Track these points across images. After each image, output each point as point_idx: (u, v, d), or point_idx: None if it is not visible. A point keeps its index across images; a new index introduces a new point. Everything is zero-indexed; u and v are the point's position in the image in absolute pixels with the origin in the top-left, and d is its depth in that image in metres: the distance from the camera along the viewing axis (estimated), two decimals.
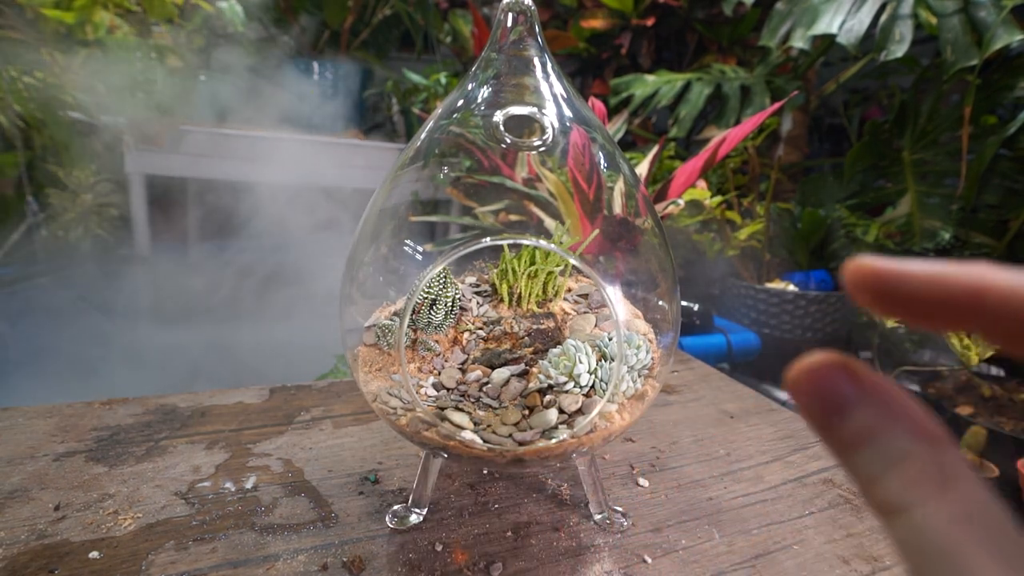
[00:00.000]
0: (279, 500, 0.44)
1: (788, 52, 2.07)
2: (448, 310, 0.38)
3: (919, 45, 1.81)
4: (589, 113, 0.42)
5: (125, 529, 0.39)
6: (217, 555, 0.37)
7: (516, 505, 0.45)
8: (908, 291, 0.13)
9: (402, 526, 0.41)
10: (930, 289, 0.13)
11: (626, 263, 0.41)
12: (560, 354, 0.35)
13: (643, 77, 2.15)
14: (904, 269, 0.13)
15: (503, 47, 0.41)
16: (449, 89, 2.00)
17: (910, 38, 1.53)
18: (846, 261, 0.14)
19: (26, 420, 0.54)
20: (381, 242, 0.40)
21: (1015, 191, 1.77)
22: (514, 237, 0.37)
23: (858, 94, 2.62)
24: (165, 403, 0.59)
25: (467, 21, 2.39)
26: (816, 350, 0.15)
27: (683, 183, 0.71)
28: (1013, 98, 1.74)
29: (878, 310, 0.14)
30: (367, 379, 0.38)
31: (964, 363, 1.26)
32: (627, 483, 0.49)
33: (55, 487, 0.44)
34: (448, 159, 0.41)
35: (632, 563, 0.39)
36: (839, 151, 2.96)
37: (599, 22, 2.34)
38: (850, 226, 1.95)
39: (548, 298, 0.40)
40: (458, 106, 0.41)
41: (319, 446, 0.52)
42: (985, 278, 0.13)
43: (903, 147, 2.02)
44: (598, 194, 0.43)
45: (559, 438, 0.33)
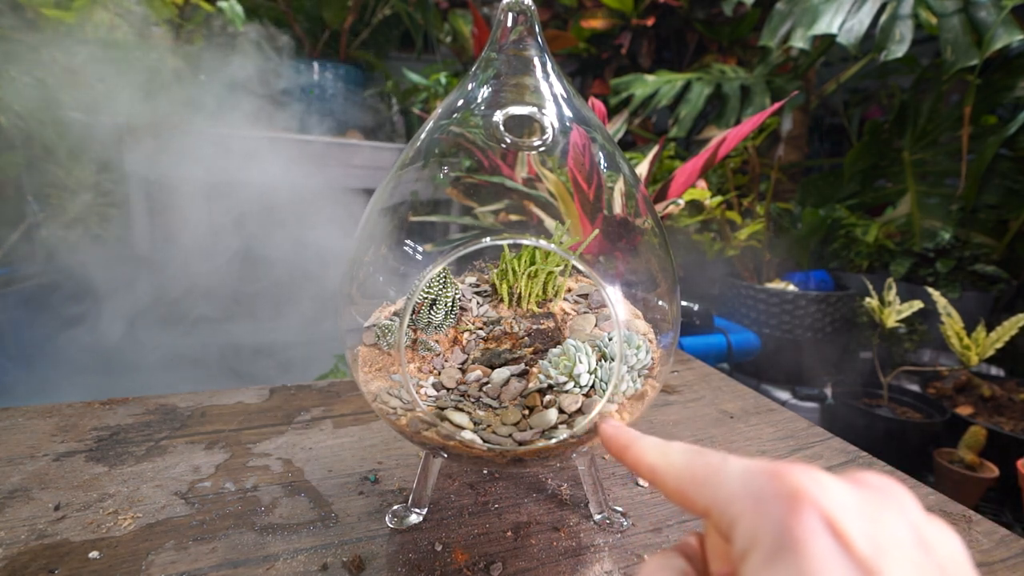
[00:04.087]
0: (279, 500, 0.44)
1: (788, 52, 2.07)
2: (448, 310, 0.38)
3: (919, 45, 1.81)
4: (589, 113, 0.42)
5: (125, 529, 0.39)
6: (217, 555, 0.37)
7: (516, 505, 0.45)
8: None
9: (402, 526, 0.41)
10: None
11: (626, 263, 0.41)
12: (560, 354, 0.35)
13: (643, 77, 2.15)
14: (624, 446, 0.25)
15: (503, 47, 0.41)
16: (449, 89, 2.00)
17: (910, 38, 1.53)
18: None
19: (26, 420, 0.54)
20: (381, 242, 0.40)
21: (1015, 191, 1.77)
22: (514, 237, 0.37)
23: (858, 94, 2.62)
24: (165, 403, 0.59)
25: (467, 21, 2.38)
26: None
27: (683, 183, 0.71)
28: (1013, 98, 1.74)
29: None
30: (367, 379, 0.38)
31: (964, 363, 1.26)
32: (627, 483, 0.49)
33: (55, 487, 0.44)
34: (448, 159, 0.41)
35: (632, 563, 0.39)
36: (839, 151, 2.96)
37: (599, 22, 2.34)
38: (850, 226, 1.95)
39: (548, 298, 0.40)
40: (458, 106, 0.41)
41: (319, 446, 0.52)
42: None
43: (903, 147, 2.02)
44: (598, 194, 0.43)
45: (559, 438, 0.33)
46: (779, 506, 0.16)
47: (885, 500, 0.16)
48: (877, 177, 2.13)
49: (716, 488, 0.18)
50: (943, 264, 1.73)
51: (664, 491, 0.21)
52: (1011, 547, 0.42)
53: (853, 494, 0.16)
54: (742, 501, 0.17)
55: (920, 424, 1.29)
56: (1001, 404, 1.31)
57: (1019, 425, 1.22)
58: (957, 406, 1.33)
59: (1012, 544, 0.42)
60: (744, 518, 0.17)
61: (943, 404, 1.33)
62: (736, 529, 0.17)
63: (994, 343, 1.20)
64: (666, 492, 0.21)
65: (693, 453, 0.21)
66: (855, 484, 0.17)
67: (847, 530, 0.15)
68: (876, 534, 0.15)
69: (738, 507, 0.17)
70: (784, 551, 0.15)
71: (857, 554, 0.14)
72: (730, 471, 0.18)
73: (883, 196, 2.08)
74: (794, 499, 0.16)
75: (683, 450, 0.21)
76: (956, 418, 1.26)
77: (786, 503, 0.16)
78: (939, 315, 1.27)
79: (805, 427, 0.61)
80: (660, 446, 0.22)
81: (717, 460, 0.19)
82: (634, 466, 0.23)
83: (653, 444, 0.23)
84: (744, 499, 0.17)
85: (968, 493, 1.12)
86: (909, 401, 1.41)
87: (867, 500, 0.16)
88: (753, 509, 0.16)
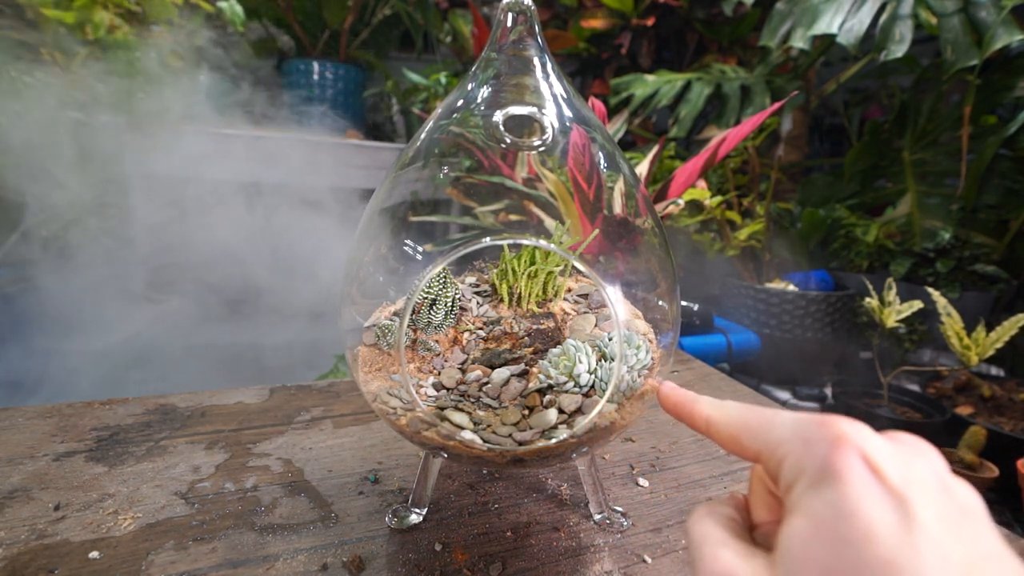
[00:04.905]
0: (279, 500, 0.44)
1: (788, 52, 2.07)
2: (448, 310, 0.38)
3: (919, 45, 1.81)
4: (589, 113, 0.42)
5: (125, 529, 0.39)
6: (217, 555, 0.37)
7: (516, 505, 0.45)
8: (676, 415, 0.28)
9: (402, 526, 0.41)
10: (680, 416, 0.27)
11: (626, 263, 0.41)
12: (560, 354, 0.35)
13: (643, 77, 2.15)
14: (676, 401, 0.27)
15: (503, 47, 0.41)
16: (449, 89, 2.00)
17: (910, 38, 1.53)
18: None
19: (26, 420, 0.54)
20: (381, 242, 0.40)
21: (1015, 191, 1.77)
22: (514, 237, 0.37)
23: (858, 94, 2.62)
24: (165, 403, 0.59)
25: (467, 21, 2.38)
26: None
27: (683, 183, 0.70)
28: (1013, 98, 1.74)
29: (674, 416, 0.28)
30: (367, 379, 0.38)
31: (964, 363, 1.26)
32: (627, 483, 0.49)
33: (55, 487, 0.44)
34: (448, 159, 0.41)
35: (632, 563, 0.39)
36: (839, 151, 2.96)
37: (599, 22, 2.34)
38: (850, 226, 1.95)
39: (548, 298, 0.40)
40: (458, 106, 0.41)
41: (319, 446, 0.52)
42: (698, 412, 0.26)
43: (903, 147, 2.02)
44: (598, 194, 0.43)
45: (559, 438, 0.33)
46: (824, 445, 0.18)
47: (916, 451, 0.19)
48: (877, 177, 2.13)
49: (768, 433, 0.21)
50: (943, 264, 1.73)
51: (717, 438, 0.24)
52: (1011, 547, 0.42)
53: (888, 443, 0.19)
54: (791, 442, 0.20)
55: (920, 424, 1.29)
56: (1001, 404, 1.31)
57: (1019, 425, 1.22)
58: (957, 406, 1.33)
59: (1012, 544, 0.42)
60: (792, 456, 0.19)
61: (943, 404, 1.33)
62: (784, 466, 0.20)
63: (994, 343, 1.20)
64: (719, 439, 0.24)
65: (747, 407, 0.24)
66: (891, 438, 0.19)
67: (882, 465, 0.17)
68: (906, 472, 0.17)
69: (787, 447, 0.20)
70: (826, 478, 0.17)
71: (889, 484, 0.17)
72: (782, 420, 0.21)
73: (883, 196, 2.08)
74: (837, 440, 0.18)
75: (737, 404, 0.24)
76: (956, 418, 1.26)
77: (830, 443, 0.18)
78: (939, 315, 1.27)
79: None
80: (715, 401, 0.25)
81: (770, 412, 0.22)
82: (689, 417, 0.26)
83: (709, 400, 0.26)
84: (793, 441, 0.20)
85: None
86: (909, 401, 1.41)
87: (900, 449, 0.19)
88: (801, 448, 0.19)
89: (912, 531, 0.16)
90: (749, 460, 0.23)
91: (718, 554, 0.20)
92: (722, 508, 0.23)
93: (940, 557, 0.15)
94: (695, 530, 0.22)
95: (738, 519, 0.22)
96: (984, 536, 0.17)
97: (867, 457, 0.17)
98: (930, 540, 0.16)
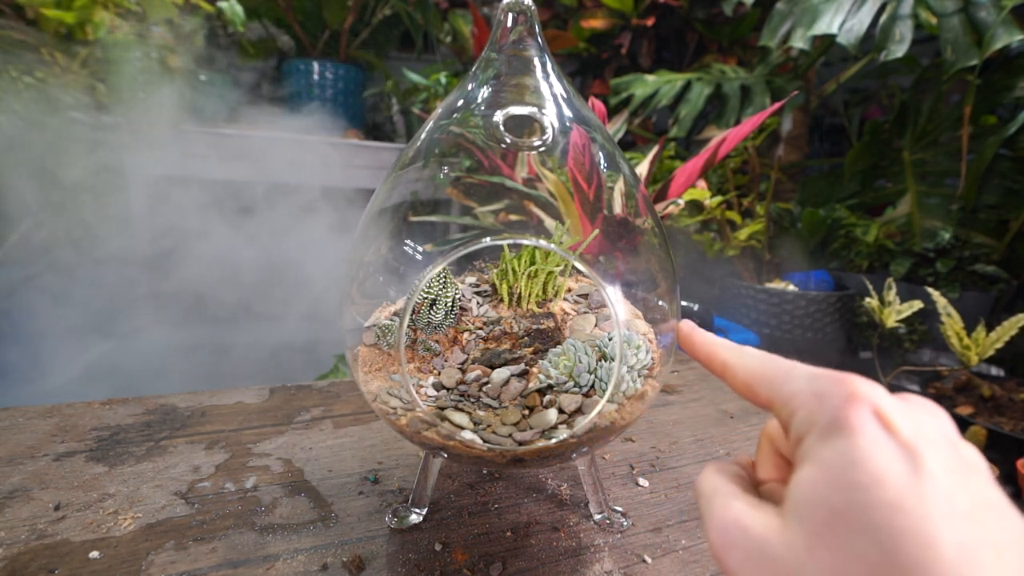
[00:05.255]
0: (279, 500, 0.44)
1: (788, 52, 2.07)
2: (448, 310, 0.38)
3: (919, 45, 1.81)
4: (589, 113, 0.42)
5: (125, 529, 0.39)
6: (217, 555, 0.37)
7: (516, 505, 0.45)
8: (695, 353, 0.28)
9: (402, 526, 0.41)
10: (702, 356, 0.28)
11: (626, 263, 0.41)
12: (560, 354, 0.35)
13: (643, 77, 2.15)
14: (695, 339, 0.28)
15: (503, 47, 0.41)
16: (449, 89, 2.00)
17: (910, 38, 1.53)
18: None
19: (26, 420, 0.54)
20: (381, 242, 0.40)
21: (1015, 191, 1.77)
22: (514, 237, 0.37)
23: (858, 94, 2.62)
24: (165, 403, 0.59)
25: (467, 21, 2.38)
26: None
27: (683, 183, 0.70)
28: (1013, 98, 1.74)
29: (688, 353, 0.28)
30: (367, 379, 0.38)
31: (964, 363, 1.26)
32: (627, 483, 0.49)
33: (55, 487, 0.44)
34: (448, 159, 0.41)
35: (632, 563, 0.39)
36: (839, 151, 2.96)
37: (599, 22, 2.34)
38: (850, 226, 1.95)
39: (548, 298, 0.40)
40: (458, 106, 0.41)
41: (319, 446, 0.52)
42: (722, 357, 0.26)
43: (903, 147, 2.02)
44: (598, 194, 0.43)
45: (559, 438, 0.33)
46: (837, 400, 0.19)
47: (926, 410, 0.20)
48: (877, 177, 2.13)
49: (783, 384, 0.22)
50: (943, 264, 1.73)
51: (732, 383, 0.25)
52: None
53: (900, 402, 0.19)
54: (805, 394, 0.20)
55: None
56: (1001, 404, 1.31)
57: (1019, 425, 1.22)
58: (957, 406, 1.33)
59: None
60: (805, 408, 0.20)
61: (943, 404, 1.33)
62: (796, 417, 0.20)
63: (994, 343, 1.20)
64: (733, 384, 0.25)
65: (765, 356, 0.24)
66: (903, 399, 0.20)
67: (893, 420, 0.18)
68: (916, 427, 0.18)
69: (800, 399, 0.20)
70: (838, 430, 0.18)
71: (900, 437, 0.17)
72: (798, 373, 0.22)
73: (883, 196, 2.08)
74: (851, 395, 0.19)
75: (757, 352, 0.25)
76: (956, 418, 1.26)
77: (844, 398, 0.19)
78: (939, 315, 1.27)
79: None
80: (734, 345, 0.26)
81: (787, 364, 0.23)
82: (707, 358, 0.27)
83: (727, 343, 0.26)
84: (807, 393, 0.20)
85: None
86: None
87: (912, 407, 0.19)
88: (815, 402, 0.20)
89: (920, 479, 0.16)
90: (761, 407, 0.23)
91: (729, 504, 0.20)
92: (730, 466, 0.23)
93: (946, 503, 0.16)
94: (705, 484, 0.22)
95: (745, 476, 0.23)
96: (988, 489, 0.17)
97: (879, 412, 0.18)
98: (937, 487, 0.16)
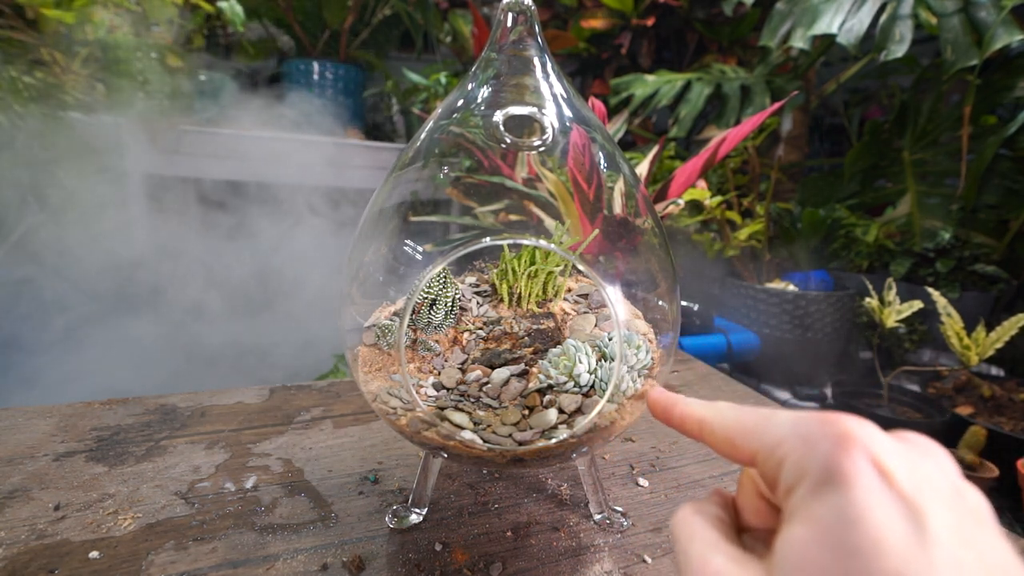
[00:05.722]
0: (279, 500, 0.44)
1: (788, 52, 2.07)
2: (448, 310, 0.38)
3: (919, 45, 1.81)
4: (589, 113, 0.42)
5: (125, 529, 0.39)
6: (217, 555, 0.37)
7: (516, 505, 0.45)
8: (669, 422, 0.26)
9: (402, 526, 0.41)
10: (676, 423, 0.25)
11: (626, 263, 0.41)
12: (560, 354, 0.35)
13: (643, 77, 2.15)
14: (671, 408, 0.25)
15: (503, 47, 0.41)
16: (449, 89, 2.00)
17: (910, 38, 1.53)
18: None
19: (26, 420, 0.54)
20: (381, 242, 0.40)
21: (1015, 191, 1.77)
22: (514, 237, 0.37)
23: (858, 94, 2.62)
24: (165, 403, 0.59)
25: (467, 21, 2.38)
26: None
27: (683, 183, 0.70)
28: (1013, 98, 1.74)
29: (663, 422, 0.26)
30: (367, 379, 0.38)
31: (964, 363, 1.26)
32: (627, 483, 0.49)
33: (55, 487, 0.44)
34: (448, 159, 0.41)
35: (632, 563, 0.39)
36: (839, 151, 2.96)
37: (599, 22, 2.34)
38: (850, 226, 1.95)
39: (548, 298, 0.40)
40: (458, 106, 0.41)
41: (319, 446, 0.52)
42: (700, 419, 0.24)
43: (903, 147, 2.02)
44: (598, 194, 0.43)
45: (559, 438, 0.33)
46: (828, 444, 0.17)
47: (925, 452, 0.18)
48: (877, 177, 2.13)
49: (765, 434, 0.19)
50: (943, 264, 1.73)
51: (712, 441, 0.22)
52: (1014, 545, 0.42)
53: (897, 443, 0.17)
54: (791, 441, 0.18)
55: (920, 424, 1.29)
56: (1001, 404, 1.31)
57: (1019, 425, 1.22)
58: (957, 406, 1.33)
59: (1012, 544, 0.42)
60: (793, 456, 0.18)
61: (943, 404, 1.33)
62: (784, 467, 0.18)
63: (994, 343, 1.20)
64: (714, 442, 0.22)
65: (741, 407, 0.22)
66: (899, 438, 0.18)
67: (891, 468, 0.16)
68: (917, 476, 0.16)
69: (787, 447, 0.18)
70: (832, 481, 0.16)
71: (899, 489, 0.16)
72: (779, 419, 0.20)
73: (883, 196, 2.08)
74: (843, 439, 0.17)
75: (731, 404, 0.23)
76: (956, 418, 1.26)
77: (835, 442, 0.17)
78: (939, 315, 1.27)
79: None
80: (706, 402, 0.24)
81: (766, 411, 0.21)
82: (681, 421, 0.24)
83: (699, 402, 0.24)
84: (794, 440, 0.18)
85: None
86: (909, 401, 1.41)
87: (909, 450, 0.17)
88: (803, 448, 0.18)
89: (925, 542, 0.15)
90: (745, 464, 0.21)
91: (708, 558, 0.18)
92: (710, 507, 0.21)
93: (954, 571, 0.14)
94: (682, 529, 0.20)
95: (727, 520, 0.21)
96: (996, 546, 0.16)
97: (876, 459, 0.16)
98: (943, 552, 0.15)
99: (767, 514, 0.21)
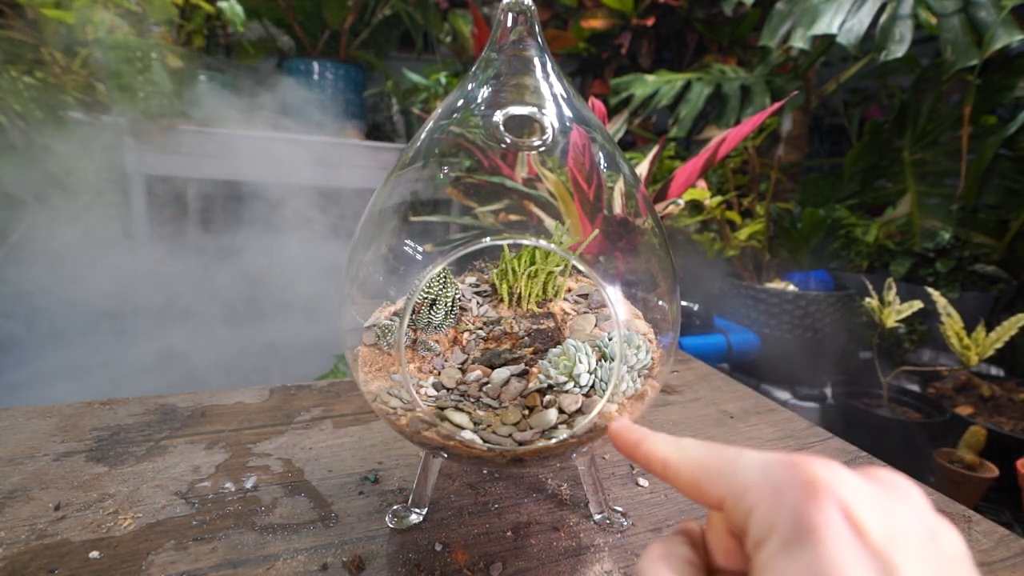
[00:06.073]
0: (279, 500, 0.44)
1: (788, 52, 2.07)
2: (448, 310, 0.38)
3: (919, 45, 1.81)
4: (589, 113, 0.42)
5: (125, 529, 0.39)
6: (217, 555, 0.37)
7: (516, 505, 0.45)
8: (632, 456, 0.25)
9: (402, 526, 0.41)
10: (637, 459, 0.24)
11: (626, 263, 0.41)
12: (560, 354, 0.35)
13: (643, 77, 2.15)
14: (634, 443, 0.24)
15: (503, 47, 0.41)
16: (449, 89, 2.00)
17: (910, 38, 1.53)
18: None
19: (26, 420, 0.54)
20: (381, 242, 0.40)
21: (1015, 191, 1.77)
22: (514, 237, 0.37)
23: (858, 94, 2.62)
24: (165, 403, 0.59)
25: (467, 21, 2.38)
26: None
27: (683, 183, 0.70)
28: (1013, 98, 1.74)
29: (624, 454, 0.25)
30: (367, 379, 0.38)
31: (964, 363, 1.26)
32: (627, 483, 0.49)
33: (55, 487, 0.44)
34: (448, 159, 0.41)
35: (632, 563, 0.39)
36: (839, 151, 2.96)
37: (599, 22, 2.34)
38: (850, 226, 1.95)
39: (548, 298, 0.40)
40: (458, 106, 0.41)
41: (319, 446, 0.52)
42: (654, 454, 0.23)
43: (903, 147, 2.02)
44: (598, 194, 0.43)
45: (559, 438, 0.33)
46: (797, 494, 0.16)
47: (897, 494, 0.17)
48: (877, 177, 2.13)
49: (731, 478, 0.19)
50: (943, 264, 1.73)
51: (677, 483, 0.21)
52: (1011, 547, 0.42)
53: (867, 487, 0.17)
54: (759, 489, 0.17)
55: (920, 424, 1.29)
56: (1001, 404, 1.31)
57: (1019, 425, 1.22)
58: (957, 406, 1.33)
59: (1012, 544, 0.42)
60: (761, 506, 0.17)
61: (943, 404, 1.33)
62: (752, 517, 0.17)
63: (994, 343, 1.20)
64: (679, 484, 0.21)
65: (707, 446, 0.21)
66: (869, 478, 0.17)
67: (863, 519, 0.15)
68: (889, 525, 0.16)
69: (755, 495, 0.17)
70: (802, 537, 0.15)
71: (872, 543, 0.15)
72: (746, 461, 0.19)
73: (883, 196, 2.08)
74: (812, 487, 0.16)
75: (697, 443, 0.21)
76: (956, 418, 1.26)
77: (804, 491, 0.16)
78: (939, 315, 1.27)
79: (805, 427, 0.61)
80: (672, 440, 0.22)
81: (732, 452, 0.20)
82: (645, 460, 0.23)
83: (665, 438, 0.23)
84: (761, 487, 0.17)
85: (968, 493, 1.12)
86: (909, 401, 1.41)
87: (880, 493, 0.17)
88: (771, 497, 0.17)
89: None
90: (712, 508, 0.20)
91: None
92: (679, 548, 0.20)
93: None
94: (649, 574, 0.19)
95: (696, 562, 0.20)
96: None
97: (846, 508, 0.16)
98: None
99: (737, 555, 0.20)
